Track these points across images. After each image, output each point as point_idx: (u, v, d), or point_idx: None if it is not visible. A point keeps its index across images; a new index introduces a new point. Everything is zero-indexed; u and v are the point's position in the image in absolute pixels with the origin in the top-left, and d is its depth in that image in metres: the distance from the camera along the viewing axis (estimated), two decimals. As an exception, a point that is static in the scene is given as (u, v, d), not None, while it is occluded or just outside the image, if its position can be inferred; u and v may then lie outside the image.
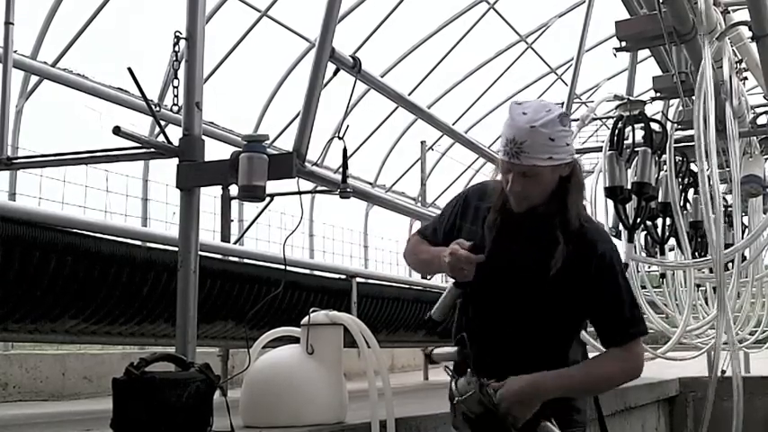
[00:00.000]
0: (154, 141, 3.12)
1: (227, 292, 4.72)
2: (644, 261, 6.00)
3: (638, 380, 2.25)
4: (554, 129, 2.08)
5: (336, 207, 9.47)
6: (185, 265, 2.94)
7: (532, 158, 2.08)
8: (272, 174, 2.95)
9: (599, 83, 10.74)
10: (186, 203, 3.02)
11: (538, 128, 2.06)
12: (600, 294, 2.16)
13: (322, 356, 2.67)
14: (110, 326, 4.25)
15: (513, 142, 2.09)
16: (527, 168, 2.10)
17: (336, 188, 3.40)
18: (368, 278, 6.71)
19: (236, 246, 6.13)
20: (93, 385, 6.75)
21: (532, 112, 2.09)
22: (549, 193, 2.17)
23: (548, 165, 2.10)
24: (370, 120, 10.02)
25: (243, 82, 8.84)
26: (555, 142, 2.08)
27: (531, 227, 2.19)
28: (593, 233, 2.19)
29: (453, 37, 9.98)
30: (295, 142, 3.11)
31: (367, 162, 10.59)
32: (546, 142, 2.08)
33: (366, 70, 3.62)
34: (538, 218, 2.19)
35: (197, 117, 3.03)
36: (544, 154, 2.08)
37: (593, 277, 2.14)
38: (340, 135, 3.24)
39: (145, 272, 4.10)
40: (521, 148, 2.08)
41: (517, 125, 2.09)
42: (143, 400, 2.16)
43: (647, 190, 5.12)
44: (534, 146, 2.07)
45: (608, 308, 2.18)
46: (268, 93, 9.18)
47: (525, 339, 2.18)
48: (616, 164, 5.04)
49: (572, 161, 2.16)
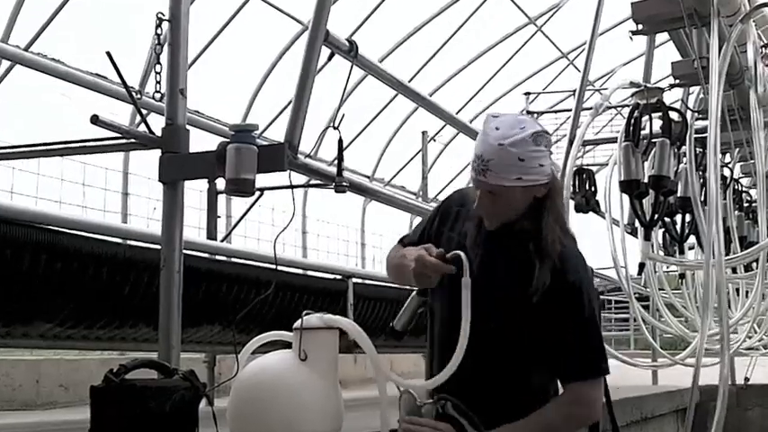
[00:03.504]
0: (134, 131, 3.12)
1: (213, 293, 4.72)
2: (662, 261, 6.00)
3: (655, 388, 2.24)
4: (525, 148, 2.08)
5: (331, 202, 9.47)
6: (168, 265, 2.93)
7: (499, 178, 2.09)
8: (262, 166, 2.95)
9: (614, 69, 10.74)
10: (169, 198, 3.02)
11: (506, 147, 2.07)
12: (559, 326, 2.13)
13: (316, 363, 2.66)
14: (87, 330, 4.24)
15: (480, 159, 2.10)
16: (493, 188, 2.11)
17: (331, 182, 3.40)
18: (365, 278, 6.71)
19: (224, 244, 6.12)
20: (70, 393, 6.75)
21: (505, 128, 2.09)
22: (521, 212, 2.17)
23: (516, 185, 2.10)
24: (368, 108, 10.01)
25: (230, 67, 8.83)
26: (525, 162, 2.08)
27: (508, 244, 2.19)
28: (565, 259, 2.16)
29: (457, 19, 9.97)
30: (287, 132, 3.11)
31: (364, 154, 10.58)
32: (514, 162, 2.08)
33: (363, 55, 3.62)
34: (514, 235, 2.19)
35: (181, 105, 3.03)
36: (511, 174, 2.09)
37: (556, 306, 2.12)
38: (335, 125, 3.24)
39: (125, 272, 4.10)
40: (487, 166, 2.09)
41: (487, 141, 2.10)
42: (123, 410, 2.16)
43: (666, 184, 5.12)
44: (501, 165, 2.08)
45: (564, 342, 2.14)
46: (258, 79, 9.17)
47: (489, 364, 2.17)
48: (632, 156, 5.05)
49: (548, 182, 2.15)
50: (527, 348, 2.18)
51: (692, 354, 5.94)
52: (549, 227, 2.15)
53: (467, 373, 2.08)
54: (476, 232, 2.24)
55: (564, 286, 2.13)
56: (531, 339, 2.16)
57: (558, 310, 2.12)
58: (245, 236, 8.72)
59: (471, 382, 2.15)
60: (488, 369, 2.18)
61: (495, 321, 2.15)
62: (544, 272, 2.12)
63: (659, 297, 6.14)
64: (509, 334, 2.16)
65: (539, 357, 2.19)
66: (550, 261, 2.13)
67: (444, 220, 2.35)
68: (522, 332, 2.16)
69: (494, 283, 2.17)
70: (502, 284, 2.17)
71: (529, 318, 2.13)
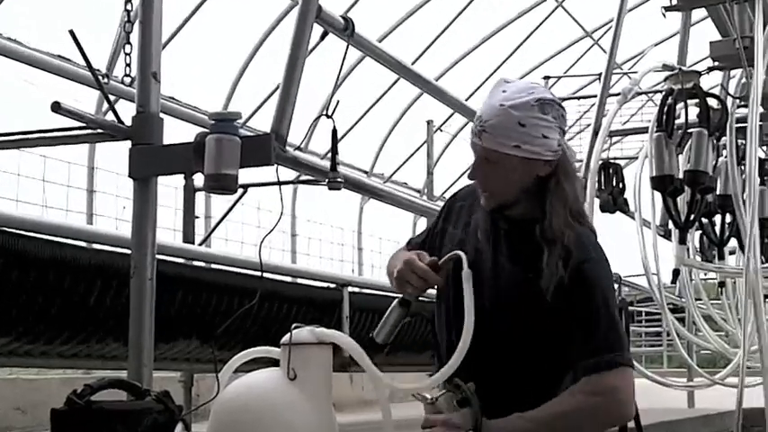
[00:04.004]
0: (101, 120, 3.12)
1: (190, 304, 4.72)
2: (699, 267, 6.00)
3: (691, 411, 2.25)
4: (527, 113, 2.12)
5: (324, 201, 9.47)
6: (140, 272, 2.94)
7: (495, 142, 2.14)
8: (246, 160, 2.95)
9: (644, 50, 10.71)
10: (141, 196, 3.02)
11: (507, 108, 2.11)
12: (571, 312, 2.15)
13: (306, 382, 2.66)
14: (47, 345, 4.24)
15: (479, 119, 2.16)
16: (489, 153, 2.15)
17: (324, 178, 3.40)
18: (362, 287, 6.71)
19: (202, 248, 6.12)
20: (27, 417, 6.75)
21: (512, 92, 2.15)
22: (518, 191, 2.20)
23: (513, 153, 2.13)
24: (366, 95, 10.02)
25: (210, 48, 8.84)
26: (526, 129, 2.12)
27: (512, 232, 2.23)
28: (572, 240, 2.18)
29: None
30: (273, 122, 3.11)
31: (361, 146, 10.59)
32: (514, 126, 2.12)
33: (360, 33, 3.62)
34: (517, 222, 2.23)
35: (154, 90, 3.04)
36: (510, 140, 2.13)
37: (567, 292, 2.14)
38: (328, 113, 3.24)
39: (90, 280, 4.10)
40: (484, 127, 2.14)
41: (488, 101, 2.16)
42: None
43: (703, 180, 5.11)
44: (499, 127, 2.12)
45: (578, 329, 2.16)
46: (241, 61, 9.17)
47: (508, 366, 2.20)
48: (665, 148, 5.04)
49: (554, 159, 2.18)
50: (540, 347, 2.20)
51: (733, 372, 5.94)
52: (553, 210, 2.17)
53: (476, 375, 2.12)
54: (481, 222, 2.27)
55: (572, 266, 2.15)
56: (544, 336, 2.19)
57: (569, 293, 2.14)
58: (226, 239, 8.74)
59: (482, 384, 2.17)
60: (499, 373, 2.20)
61: (503, 320, 2.18)
62: (553, 259, 2.13)
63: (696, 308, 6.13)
64: (519, 333, 2.19)
65: (553, 355, 2.21)
66: (559, 248, 2.14)
67: (449, 218, 2.39)
68: (534, 330, 2.18)
69: (501, 278, 2.21)
70: (510, 278, 2.20)
71: (541, 313, 2.16)
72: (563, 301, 2.14)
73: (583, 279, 2.16)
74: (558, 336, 2.18)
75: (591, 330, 2.15)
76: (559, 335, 2.17)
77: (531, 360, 2.21)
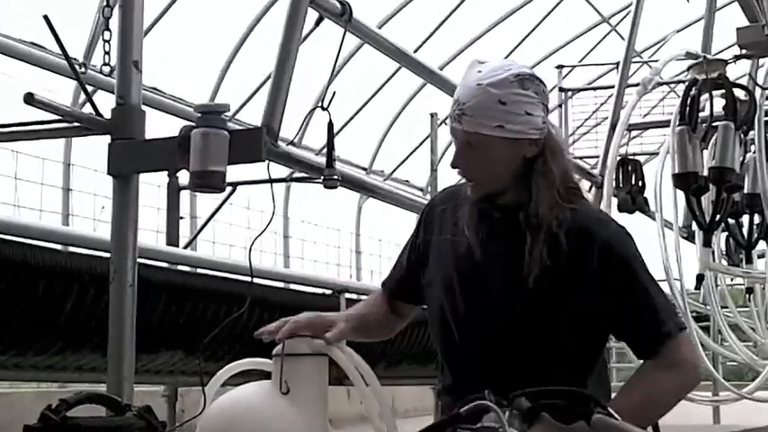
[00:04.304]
0: (78, 113, 3.12)
1: (175, 312, 4.72)
2: (725, 272, 6.01)
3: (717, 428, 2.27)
4: (507, 90, 2.14)
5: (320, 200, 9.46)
6: (119, 277, 2.93)
7: (476, 124, 2.15)
8: (235, 156, 2.95)
9: (666, 36, 10.73)
10: (121, 195, 3.02)
11: (485, 86, 2.14)
12: (617, 294, 2.19)
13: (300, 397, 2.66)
14: (20, 357, 4.24)
15: (456, 103, 2.18)
16: (471, 137, 2.17)
17: (319, 175, 3.40)
18: (361, 294, 6.71)
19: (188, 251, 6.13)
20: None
21: (488, 71, 2.18)
22: (505, 176, 2.21)
23: (496, 135, 2.15)
24: (364, 85, 10.02)
25: (196, 35, 8.84)
26: (507, 107, 2.14)
27: (505, 220, 2.24)
28: (584, 218, 2.22)
29: (473, -24, 9.99)
30: (265, 115, 3.12)
31: (360, 141, 10.60)
32: (494, 105, 2.14)
33: (358, 19, 3.62)
34: (500, 211, 2.25)
35: (135, 80, 3.03)
36: (491, 120, 2.14)
37: (600, 277, 2.17)
38: (324, 105, 3.24)
39: (66, 285, 4.10)
40: (463, 110, 2.16)
41: (465, 83, 2.19)
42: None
43: (730, 177, 5.12)
44: (478, 108, 2.15)
45: (635, 308, 2.19)
46: (229, 49, 9.17)
47: (526, 371, 2.18)
48: (688, 143, 5.05)
49: (539, 138, 2.20)
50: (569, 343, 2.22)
51: (762, 386, 5.94)
52: (539, 193, 2.18)
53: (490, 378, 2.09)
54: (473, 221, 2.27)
55: (597, 245, 2.17)
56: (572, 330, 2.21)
57: (605, 276, 2.17)
58: (213, 241, 8.73)
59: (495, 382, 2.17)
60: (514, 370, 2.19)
61: (511, 315, 2.20)
62: (538, 246, 2.15)
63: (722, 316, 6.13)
64: (531, 324, 2.20)
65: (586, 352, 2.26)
66: (547, 231, 2.16)
67: (430, 227, 2.39)
68: (548, 317, 2.20)
69: (500, 271, 2.22)
70: (509, 268, 2.20)
71: (559, 304, 2.18)
72: (595, 282, 2.16)
73: (617, 253, 2.19)
74: (578, 319, 2.20)
75: (647, 303, 2.19)
76: (578, 318, 2.20)
77: (548, 352, 2.22)
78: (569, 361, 2.23)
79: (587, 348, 2.28)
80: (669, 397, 2.22)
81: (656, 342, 2.19)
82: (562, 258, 2.15)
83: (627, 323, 2.21)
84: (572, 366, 2.24)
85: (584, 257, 2.17)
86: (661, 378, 2.19)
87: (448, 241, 2.31)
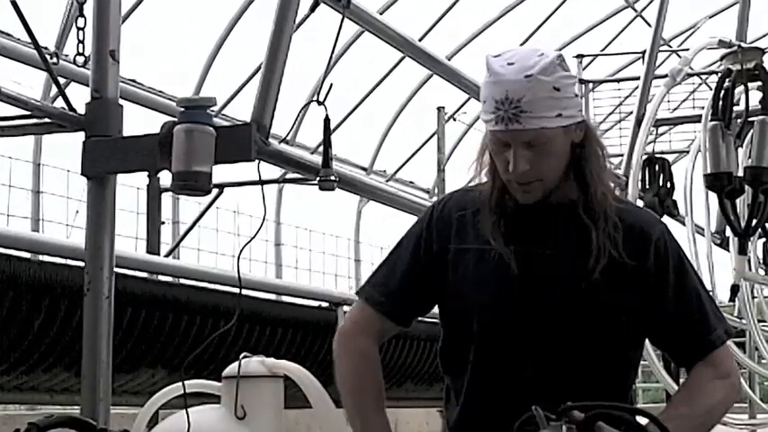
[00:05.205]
0: (49, 108, 3.12)
1: (155, 327, 4.72)
2: (762, 282, 6.00)
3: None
4: (556, 75, 2.14)
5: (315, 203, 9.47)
6: (95, 288, 2.93)
7: (538, 119, 2.13)
8: (222, 155, 2.95)
9: (697, 23, 10.74)
10: (96, 198, 3.02)
11: (536, 75, 2.11)
12: (671, 296, 2.23)
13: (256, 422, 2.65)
14: (-15, 376, 4.25)
15: (506, 102, 2.12)
16: (533, 135, 2.14)
17: (315, 175, 3.40)
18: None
19: (170, 260, 6.13)
20: (-38, 462, 6.75)
21: (521, 59, 2.15)
22: (562, 169, 2.22)
23: (558, 126, 2.15)
24: (364, 77, 10.02)
25: (179, 23, 8.85)
26: (561, 92, 2.14)
27: (548, 223, 2.25)
28: (634, 215, 2.27)
29: (484, -44, 10.00)
30: (254, 110, 3.12)
31: (359, 138, 10.60)
32: (551, 94, 2.13)
33: (357, 4, 3.62)
34: (553, 210, 2.24)
35: (112, 72, 3.04)
36: (551, 111, 2.13)
37: (653, 275, 2.21)
38: (320, 99, 3.24)
39: (36, 298, 4.10)
40: (519, 107, 2.12)
41: (507, 78, 2.13)
42: (33, 484, 2.16)
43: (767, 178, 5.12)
44: (537, 101, 2.12)
45: (686, 312, 2.24)
46: (215, 38, 9.17)
47: (576, 379, 2.21)
48: (722, 140, 5.05)
49: (583, 119, 2.22)
50: (621, 343, 2.26)
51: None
52: (595, 175, 2.21)
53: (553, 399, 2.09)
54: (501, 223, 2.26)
55: (651, 243, 2.22)
56: (624, 330, 2.24)
57: (658, 275, 2.21)
58: (198, 249, 8.72)
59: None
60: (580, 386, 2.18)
61: (568, 319, 2.21)
62: (602, 235, 2.18)
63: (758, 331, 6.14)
64: (598, 333, 2.22)
65: (633, 351, 2.31)
66: (608, 220, 2.19)
67: (446, 235, 2.34)
68: (612, 324, 2.22)
69: (556, 274, 2.22)
70: (566, 273, 2.21)
71: (613, 301, 2.20)
72: (649, 281, 2.21)
73: (671, 253, 2.25)
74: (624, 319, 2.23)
75: (700, 306, 2.26)
76: (626, 319, 2.23)
77: (605, 361, 2.25)
78: (619, 371, 2.28)
79: (634, 357, 2.33)
80: (724, 408, 2.28)
81: (705, 348, 2.24)
82: (620, 254, 2.18)
83: (675, 327, 2.25)
84: (620, 377, 2.29)
85: (640, 255, 2.21)
86: (718, 388, 2.24)
87: (472, 252, 2.29)
